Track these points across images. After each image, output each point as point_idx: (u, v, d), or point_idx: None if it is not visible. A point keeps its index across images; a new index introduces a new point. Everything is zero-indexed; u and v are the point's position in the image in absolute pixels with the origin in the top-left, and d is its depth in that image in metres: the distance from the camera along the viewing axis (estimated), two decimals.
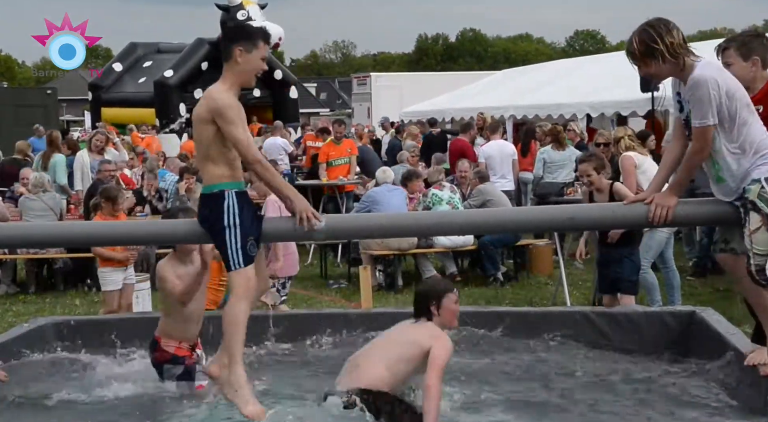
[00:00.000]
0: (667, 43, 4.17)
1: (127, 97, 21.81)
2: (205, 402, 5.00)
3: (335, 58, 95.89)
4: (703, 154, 4.26)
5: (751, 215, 4.20)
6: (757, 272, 4.20)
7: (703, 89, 4.16)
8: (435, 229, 5.69)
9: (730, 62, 4.61)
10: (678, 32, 4.22)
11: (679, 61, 4.21)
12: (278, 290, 7.89)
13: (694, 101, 4.22)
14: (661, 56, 4.20)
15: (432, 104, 21.96)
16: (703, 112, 4.17)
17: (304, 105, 30.70)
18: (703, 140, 4.21)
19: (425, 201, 10.47)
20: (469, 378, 5.46)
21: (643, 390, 5.25)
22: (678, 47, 4.19)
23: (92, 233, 5.24)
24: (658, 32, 4.19)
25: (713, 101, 4.15)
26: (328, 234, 4.72)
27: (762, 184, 4.17)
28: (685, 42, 4.24)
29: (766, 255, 4.19)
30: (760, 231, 4.17)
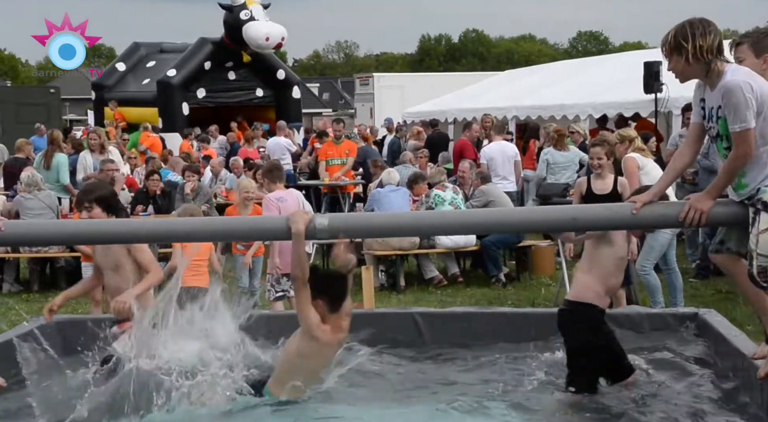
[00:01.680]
0: (696, 45, 4.19)
1: (130, 96, 21.82)
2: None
3: (338, 59, 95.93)
4: (746, 158, 4.23)
5: (761, 216, 4.19)
6: (758, 273, 4.20)
7: (738, 94, 4.16)
8: (436, 228, 5.69)
9: (742, 58, 4.58)
10: (714, 37, 4.22)
11: (706, 64, 4.22)
12: (272, 285, 7.92)
13: (730, 107, 4.19)
14: (686, 55, 4.21)
15: (435, 105, 21.96)
16: (742, 116, 4.15)
17: (306, 105, 30.75)
18: (746, 145, 4.19)
19: (428, 202, 10.47)
20: (470, 380, 5.46)
21: (644, 391, 5.24)
22: (707, 52, 4.19)
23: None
24: (693, 32, 4.21)
25: (750, 105, 4.15)
26: (330, 233, 4.72)
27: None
28: (719, 48, 4.23)
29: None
30: (766, 233, 4.15)
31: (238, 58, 20.89)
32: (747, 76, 4.22)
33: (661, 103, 13.79)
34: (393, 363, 5.95)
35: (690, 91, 4.61)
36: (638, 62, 14.96)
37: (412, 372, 5.83)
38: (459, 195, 10.57)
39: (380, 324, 6.48)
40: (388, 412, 5.09)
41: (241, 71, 21.23)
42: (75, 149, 14.14)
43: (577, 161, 11.80)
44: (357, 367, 5.82)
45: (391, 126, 20.61)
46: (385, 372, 5.77)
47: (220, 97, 21.27)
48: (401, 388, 5.49)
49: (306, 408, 5.00)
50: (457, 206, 10.28)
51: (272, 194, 8.03)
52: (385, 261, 10.58)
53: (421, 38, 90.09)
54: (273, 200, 7.92)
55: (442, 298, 9.80)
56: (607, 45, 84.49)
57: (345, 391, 5.37)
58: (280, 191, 8.12)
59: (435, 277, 10.47)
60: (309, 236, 4.69)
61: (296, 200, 8.22)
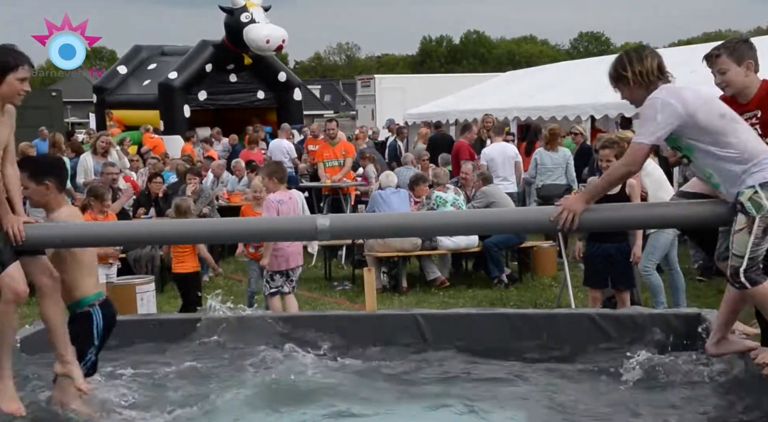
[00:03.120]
0: (635, 71, 4.32)
1: (131, 99, 21.82)
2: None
3: (339, 61, 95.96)
4: (628, 168, 4.36)
5: (738, 216, 4.29)
6: (732, 274, 4.31)
7: (646, 109, 4.28)
8: (438, 229, 5.69)
9: (725, 69, 4.60)
10: (651, 60, 4.34)
11: (648, 87, 4.33)
12: (267, 282, 8.01)
13: (640, 119, 4.35)
14: (628, 82, 4.35)
15: (436, 106, 21.96)
16: (644, 130, 4.29)
17: (308, 107, 30.75)
18: (633, 157, 4.31)
19: (429, 203, 10.47)
20: (471, 381, 5.46)
21: (646, 391, 5.24)
22: (647, 75, 4.32)
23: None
24: (630, 60, 4.34)
25: (660, 120, 4.23)
26: (332, 234, 4.72)
27: (756, 189, 4.24)
28: (660, 69, 4.34)
29: (742, 257, 4.26)
30: (741, 233, 4.26)
31: (239, 60, 20.89)
32: (667, 93, 4.29)
33: None
34: (394, 364, 5.94)
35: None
36: None
37: (413, 373, 5.82)
38: (461, 196, 10.57)
39: (382, 325, 6.50)
40: (390, 414, 5.09)
41: (242, 74, 21.22)
42: (75, 152, 14.14)
43: (564, 164, 11.83)
44: (357, 367, 5.84)
45: (393, 127, 20.61)
46: (385, 373, 5.76)
47: (221, 100, 21.27)
48: (402, 389, 5.48)
49: (306, 407, 5.01)
50: (458, 207, 10.28)
51: (273, 196, 8.08)
52: (387, 263, 10.58)
53: (422, 40, 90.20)
54: (273, 202, 7.99)
55: (444, 299, 9.80)
56: (608, 46, 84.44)
57: (347, 392, 5.38)
58: (281, 193, 8.15)
59: (437, 278, 10.47)
60: (310, 237, 4.69)
61: (296, 202, 8.25)
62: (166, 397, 5.34)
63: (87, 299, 4.98)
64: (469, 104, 20.44)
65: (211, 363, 6.02)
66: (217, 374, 5.84)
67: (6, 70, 4.49)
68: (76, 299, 4.98)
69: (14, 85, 4.51)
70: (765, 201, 4.21)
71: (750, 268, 4.25)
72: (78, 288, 4.97)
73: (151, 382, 5.63)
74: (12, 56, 4.54)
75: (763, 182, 4.24)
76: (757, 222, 4.22)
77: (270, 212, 7.92)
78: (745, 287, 4.30)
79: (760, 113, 4.61)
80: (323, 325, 6.55)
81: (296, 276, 8.22)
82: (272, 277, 8.05)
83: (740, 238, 4.26)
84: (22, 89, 4.53)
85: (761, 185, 4.24)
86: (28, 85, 4.58)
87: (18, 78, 4.50)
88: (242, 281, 10.99)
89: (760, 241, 4.24)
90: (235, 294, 10.39)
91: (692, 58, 15.42)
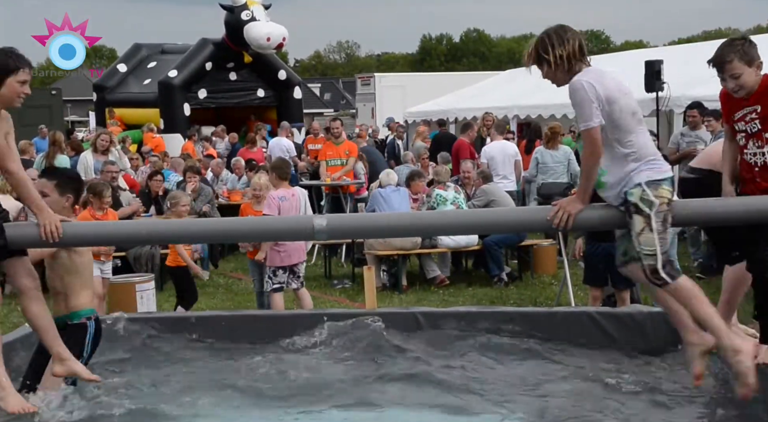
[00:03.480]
0: (556, 54, 4.34)
1: (131, 97, 21.82)
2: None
3: (339, 59, 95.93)
4: (594, 156, 4.36)
5: (634, 218, 4.35)
6: (651, 273, 4.34)
7: (579, 93, 4.31)
8: (436, 228, 5.69)
9: (738, 73, 4.59)
10: (573, 43, 4.36)
11: (569, 69, 4.37)
12: (269, 277, 7.98)
13: (575, 106, 4.37)
14: (550, 64, 4.38)
15: (436, 104, 21.97)
16: (585, 115, 4.30)
17: (308, 105, 30.73)
18: (592, 143, 4.33)
19: (429, 202, 10.48)
20: (471, 380, 5.46)
21: (647, 389, 5.24)
22: (568, 58, 4.35)
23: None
24: (551, 43, 4.37)
25: (592, 103, 4.27)
26: (329, 234, 4.72)
27: (643, 187, 4.32)
28: (581, 51, 4.37)
29: (654, 255, 4.31)
30: (644, 232, 4.32)
31: (239, 58, 20.88)
32: (593, 76, 4.34)
33: (662, 102, 13.76)
34: (395, 362, 5.94)
35: (693, 90, 4.63)
36: (639, 61, 14.94)
37: (412, 370, 5.82)
38: (461, 195, 10.57)
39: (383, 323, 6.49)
40: (391, 412, 5.09)
41: (242, 72, 21.21)
42: (75, 150, 14.14)
43: (566, 162, 11.82)
44: (358, 366, 5.84)
45: (393, 125, 20.61)
46: (386, 371, 5.77)
47: (221, 98, 21.26)
48: (403, 386, 5.48)
49: (306, 406, 5.01)
50: (458, 205, 10.28)
51: (275, 193, 8.09)
52: (387, 261, 10.58)
53: (422, 38, 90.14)
54: (275, 199, 8.00)
55: (444, 298, 9.80)
56: (608, 44, 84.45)
57: (349, 390, 5.38)
58: (284, 189, 8.17)
59: (437, 277, 10.47)
60: (308, 237, 4.70)
61: (299, 199, 8.25)
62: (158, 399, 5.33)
63: (84, 312, 4.98)
64: (469, 103, 20.44)
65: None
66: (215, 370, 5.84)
67: (6, 73, 4.50)
68: (73, 310, 4.97)
69: (14, 88, 4.52)
70: (653, 197, 4.31)
71: (666, 263, 4.34)
72: (76, 299, 4.97)
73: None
74: (12, 59, 4.55)
75: (648, 180, 4.33)
76: (654, 218, 4.30)
77: (271, 209, 7.93)
78: (668, 284, 4.37)
79: (759, 108, 4.61)
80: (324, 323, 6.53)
81: (302, 272, 8.22)
82: (275, 273, 8.03)
83: (645, 238, 4.32)
84: (22, 92, 4.55)
85: (647, 183, 4.32)
86: (28, 88, 4.59)
87: (18, 81, 4.52)
88: (242, 279, 11.00)
89: (663, 234, 4.33)
90: (235, 293, 10.44)
91: (692, 56, 15.47)
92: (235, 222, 6.08)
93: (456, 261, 11.27)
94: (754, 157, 4.67)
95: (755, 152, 4.66)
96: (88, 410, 4.87)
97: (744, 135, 4.70)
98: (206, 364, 6.03)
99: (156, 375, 5.81)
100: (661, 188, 4.33)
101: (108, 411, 4.91)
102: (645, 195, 4.31)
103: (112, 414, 4.88)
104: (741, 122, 4.69)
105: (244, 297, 10.00)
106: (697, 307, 4.47)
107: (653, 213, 4.29)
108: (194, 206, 11.52)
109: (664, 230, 4.32)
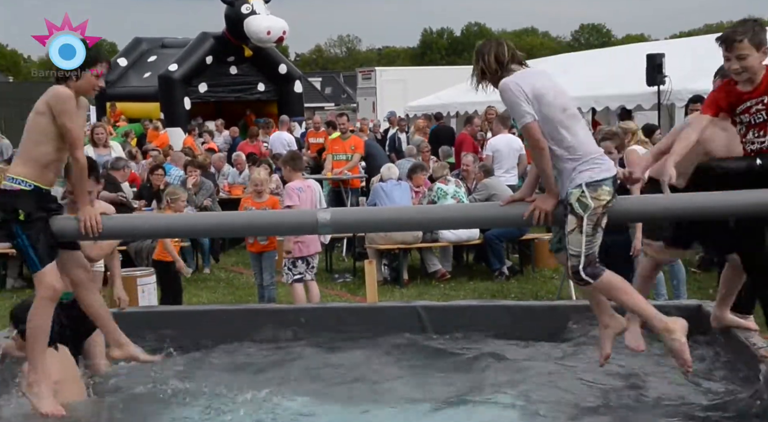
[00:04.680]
0: (486, 62, 4.54)
1: (131, 91, 21.83)
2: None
3: (340, 53, 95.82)
4: (538, 149, 4.45)
5: (569, 217, 4.43)
6: (572, 272, 4.44)
7: (506, 93, 4.46)
8: (438, 222, 5.69)
9: (745, 55, 4.52)
10: (499, 53, 4.54)
11: (503, 74, 4.53)
12: (289, 269, 8.02)
13: (508, 108, 4.54)
14: (486, 77, 4.57)
15: (437, 98, 21.95)
16: (518, 112, 4.45)
17: (308, 99, 30.73)
18: (532, 137, 4.44)
19: (430, 195, 10.48)
20: (473, 373, 5.46)
21: (649, 384, 5.24)
22: (498, 66, 4.53)
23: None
24: (481, 53, 4.58)
25: (520, 101, 4.41)
26: (333, 228, 4.72)
27: (583, 189, 4.39)
28: (509, 57, 4.57)
29: (579, 256, 4.40)
30: (574, 233, 4.41)
31: (239, 52, 20.87)
32: (518, 76, 4.50)
33: (663, 96, 13.77)
34: (396, 358, 5.95)
35: (694, 84, 4.63)
36: (641, 55, 14.94)
37: (415, 365, 5.83)
38: (461, 189, 10.56)
39: (383, 317, 6.50)
40: (392, 408, 5.09)
41: (242, 66, 21.21)
42: None
43: None
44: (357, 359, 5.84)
45: (393, 119, 20.59)
46: (388, 367, 5.77)
47: (221, 92, 21.26)
48: (404, 383, 5.48)
49: (306, 404, 5.01)
50: (459, 199, 10.28)
51: (293, 184, 8.12)
52: (388, 255, 10.58)
53: (423, 32, 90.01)
54: (294, 190, 8.03)
55: (445, 292, 9.80)
56: (609, 38, 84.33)
57: (346, 384, 5.38)
58: (299, 181, 8.19)
59: (438, 271, 10.48)
60: (311, 231, 4.71)
61: (314, 191, 8.30)
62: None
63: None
64: (471, 96, 20.33)
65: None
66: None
67: (84, 66, 4.74)
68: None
69: (91, 81, 4.77)
70: (590, 201, 4.37)
71: (588, 265, 4.40)
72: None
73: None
74: (91, 53, 4.78)
75: (589, 181, 4.38)
76: (586, 221, 4.37)
77: (293, 200, 7.96)
78: (589, 284, 4.45)
79: (766, 98, 4.55)
80: (324, 316, 6.54)
81: (316, 263, 8.24)
82: (294, 264, 8.04)
83: (574, 238, 4.40)
84: (98, 85, 4.81)
85: (587, 184, 4.37)
86: (103, 82, 4.86)
87: (95, 74, 4.76)
88: (243, 273, 11.00)
89: (591, 238, 4.39)
90: (236, 287, 10.45)
91: (694, 50, 15.44)
92: (240, 216, 6.06)
93: (457, 255, 11.27)
94: (752, 145, 4.63)
95: (753, 141, 4.62)
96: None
97: (746, 125, 4.65)
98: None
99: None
100: (600, 189, 4.38)
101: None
102: (583, 197, 4.37)
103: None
104: (745, 113, 4.65)
105: (245, 291, 10.01)
106: (622, 299, 4.55)
107: (586, 216, 4.37)
108: (195, 200, 11.52)
109: (593, 233, 4.39)
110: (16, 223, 4.62)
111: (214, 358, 6.02)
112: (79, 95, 4.79)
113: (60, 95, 4.69)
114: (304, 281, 8.12)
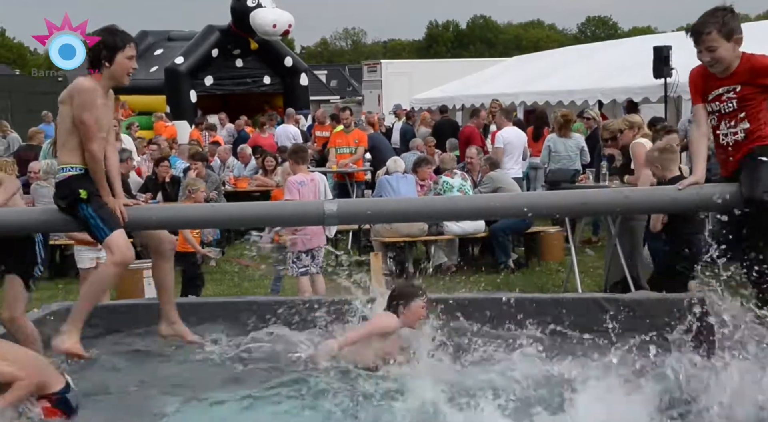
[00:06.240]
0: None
1: (137, 84, 21.79)
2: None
3: (345, 46, 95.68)
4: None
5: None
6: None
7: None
8: (445, 213, 5.69)
9: (714, 46, 4.45)
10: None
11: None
12: (293, 262, 8.02)
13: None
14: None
15: (442, 91, 21.92)
16: None
17: (314, 92, 30.67)
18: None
19: (436, 188, 10.47)
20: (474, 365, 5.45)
21: (653, 377, 5.23)
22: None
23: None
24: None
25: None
26: (339, 219, 4.73)
27: None
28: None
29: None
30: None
31: (245, 45, 20.86)
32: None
33: (670, 88, 13.74)
34: None
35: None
36: (647, 47, 14.89)
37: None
38: (467, 182, 10.56)
39: None
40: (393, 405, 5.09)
41: (248, 59, 21.21)
42: None
43: (578, 150, 11.78)
44: None
45: (401, 112, 20.57)
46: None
47: (227, 85, 21.27)
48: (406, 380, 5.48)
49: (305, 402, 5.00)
50: (465, 192, 10.27)
51: (295, 178, 8.12)
52: (394, 248, 10.59)
53: (428, 25, 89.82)
54: (294, 184, 8.03)
55: (450, 285, 9.79)
56: (615, 30, 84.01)
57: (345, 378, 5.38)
58: (302, 174, 8.19)
59: (443, 264, 10.47)
60: (317, 221, 4.71)
61: (318, 184, 8.28)
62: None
63: None
64: (476, 90, 20.39)
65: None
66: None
67: (114, 51, 4.70)
68: None
69: (124, 64, 4.74)
70: None
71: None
72: None
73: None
74: (118, 36, 4.77)
75: None
76: None
77: (292, 194, 7.96)
78: None
79: (739, 87, 4.48)
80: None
81: (320, 256, 8.24)
82: (298, 257, 8.05)
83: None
84: (131, 67, 4.78)
85: None
86: (135, 63, 4.82)
87: (126, 56, 4.73)
88: (249, 266, 11.01)
89: None
90: (242, 279, 10.45)
91: None
92: (245, 207, 6.03)
93: (463, 248, 11.26)
94: (726, 137, 4.55)
95: (726, 133, 4.54)
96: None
97: (717, 115, 4.56)
98: None
99: None
100: None
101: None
102: None
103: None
104: (716, 101, 4.55)
105: (252, 284, 10.02)
106: None
107: None
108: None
109: None
110: (80, 201, 4.74)
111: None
112: (114, 81, 4.78)
113: (80, 87, 4.70)
114: (310, 274, 8.13)
